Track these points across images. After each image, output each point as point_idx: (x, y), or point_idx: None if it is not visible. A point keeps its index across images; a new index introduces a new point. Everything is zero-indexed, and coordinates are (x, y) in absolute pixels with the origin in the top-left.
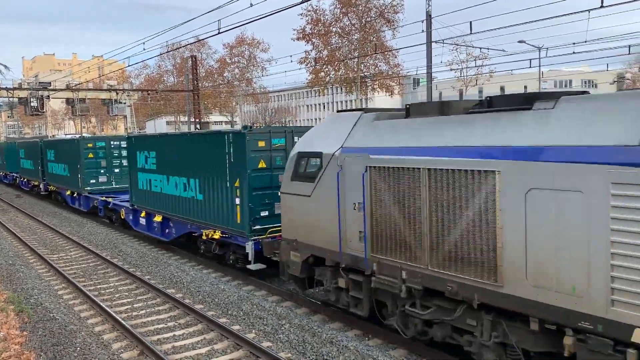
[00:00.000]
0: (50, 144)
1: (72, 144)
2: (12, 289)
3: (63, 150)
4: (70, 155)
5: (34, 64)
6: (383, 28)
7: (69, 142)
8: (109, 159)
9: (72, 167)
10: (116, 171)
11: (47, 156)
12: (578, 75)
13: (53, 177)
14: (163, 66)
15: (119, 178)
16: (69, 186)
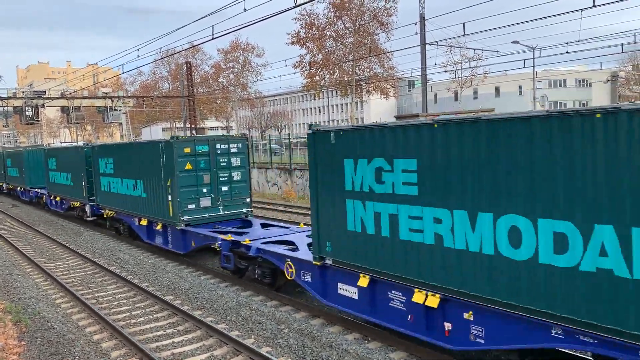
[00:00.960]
0: (106, 151)
1: (155, 148)
2: (10, 299)
3: (132, 158)
4: (149, 167)
5: (28, 72)
6: (377, 31)
7: (148, 147)
8: (214, 170)
9: (154, 185)
10: (224, 189)
11: (99, 167)
12: (572, 75)
13: (111, 198)
14: (158, 73)
15: (227, 199)
16: (149, 214)
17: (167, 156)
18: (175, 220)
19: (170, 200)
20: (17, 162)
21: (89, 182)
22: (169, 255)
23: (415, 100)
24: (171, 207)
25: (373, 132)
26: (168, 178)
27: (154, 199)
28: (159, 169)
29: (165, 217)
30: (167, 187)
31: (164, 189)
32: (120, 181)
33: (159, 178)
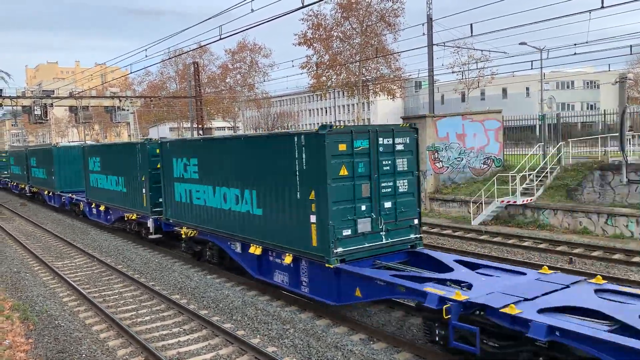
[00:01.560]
0: (186, 147)
1: (286, 142)
2: (18, 297)
3: (237, 158)
4: (271, 170)
5: (37, 72)
6: (384, 32)
7: (272, 141)
8: (375, 177)
9: (280, 198)
10: (387, 206)
11: (174, 170)
12: (580, 76)
13: (191, 212)
14: (165, 73)
15: (391, 221)
16: (267, 239)
17: (309, 155)
18: (324, 253)
19: (315, 223)
20: (45, 162)
21: (153, 188)
22: (175, 255)
23: (422, 101)
24: (315, 233)
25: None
26: (311, 189)
27: (277, 219)
28: (291, 175)
29: (305, 247)
30: (306, 202)
31: (299, 205)
32: (210, 190)
33: (291, 188)
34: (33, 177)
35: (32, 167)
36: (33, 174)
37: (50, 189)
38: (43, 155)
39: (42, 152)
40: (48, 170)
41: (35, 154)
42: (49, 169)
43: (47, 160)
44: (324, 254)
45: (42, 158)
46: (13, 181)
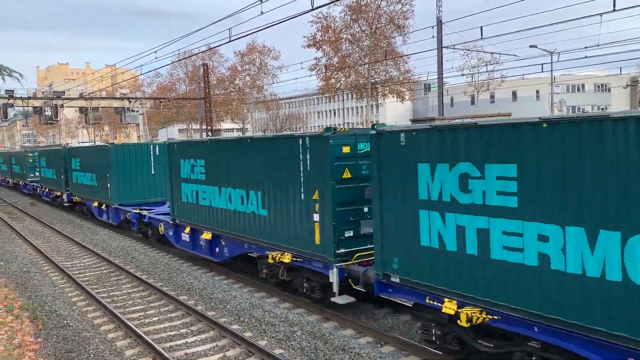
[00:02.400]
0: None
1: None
2: (27, 296)
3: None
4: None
5: (48, 73)
6: (393, 34)
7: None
8: None
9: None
10: None
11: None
12: (591, 80)
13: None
14: (175, 74)
15: None
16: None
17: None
18: (326, 253)
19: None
20: (93, 164)
21: (343, 212)
22: (182, 256)
23: (431, 104)
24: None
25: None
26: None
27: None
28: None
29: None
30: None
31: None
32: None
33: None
34: (75, 183)
35: (73, 170)
36: (75, 179)
37: (103, 199)
38: (96, 155)
39: (93, 153)
40: (100, 175)
41: (81, 154)
42: (102, 173)
43: (100, 162)
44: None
45: (91, 159)
46: (44, 187)
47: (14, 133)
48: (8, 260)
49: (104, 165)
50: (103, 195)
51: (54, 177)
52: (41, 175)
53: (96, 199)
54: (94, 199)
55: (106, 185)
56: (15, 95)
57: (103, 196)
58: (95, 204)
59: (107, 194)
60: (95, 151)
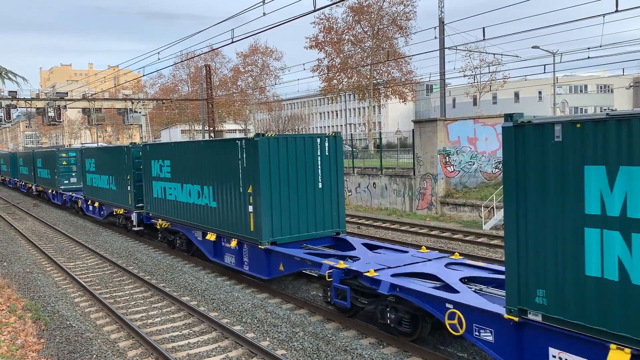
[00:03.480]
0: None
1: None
2: (30, 297)
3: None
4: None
5: (51, 74)
6: (395, 35)
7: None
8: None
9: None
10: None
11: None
12: (593, 81)
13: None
14: (177, 75)
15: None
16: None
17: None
18: (258, 237)
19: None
20: (206, 169)
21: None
22: (185, 256)
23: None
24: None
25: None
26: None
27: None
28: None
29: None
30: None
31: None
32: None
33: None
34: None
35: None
36: (158, 192)
37: (234, 233)
38: (213, 152)
39: (208, 149)
40: (224, 187)
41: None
42: (230, 184)
43: (226, 165)
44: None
45: (198, 162)
46: (91, 199)
47: (17, 134)
48: (11, 260)
49: (237, 169)
50: (233, 225)
51: (112, 187)
52: (87, 184)
53: (213, 229)
54: (208, 228)
55: (241, 207)
56: (18, 96)
57: (232, 227)
58: (211, 237)
59: (242, 223)
60: (217, 145)
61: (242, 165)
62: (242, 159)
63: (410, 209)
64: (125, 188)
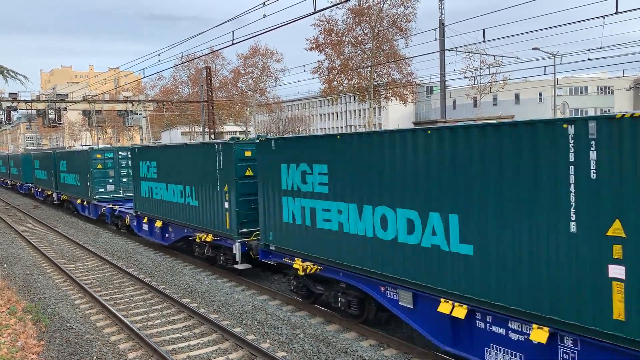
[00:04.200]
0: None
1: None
2: (30, 299)
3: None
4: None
5: (52, 76)
6: (396, 37)
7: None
8: None
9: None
10: None
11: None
12: (594, 82)
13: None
14: (178, 77)
15: None
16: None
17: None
18: (233, 233)
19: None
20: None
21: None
22: (186, 259)
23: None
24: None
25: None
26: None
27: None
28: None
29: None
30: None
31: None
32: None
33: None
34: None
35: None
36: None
37: None
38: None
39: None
40: None
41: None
42: None
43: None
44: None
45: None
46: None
47: (18, 136)
48: (12, 262)
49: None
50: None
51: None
52: (141, 195)
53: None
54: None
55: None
56: (19, 98)
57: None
58: (408, 300)
59: None
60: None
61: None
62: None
63: None
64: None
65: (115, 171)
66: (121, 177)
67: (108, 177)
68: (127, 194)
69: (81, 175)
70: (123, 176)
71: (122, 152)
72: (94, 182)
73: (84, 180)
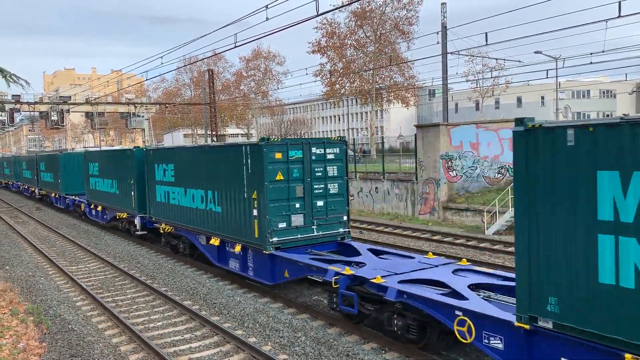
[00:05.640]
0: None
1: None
2: (32, 300)
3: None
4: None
5: (55, 78)
6: (398, 40)
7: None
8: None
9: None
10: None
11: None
12: (596, 86)
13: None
14: (180, 79)
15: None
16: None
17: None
18: (262, 242)
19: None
20: None
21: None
22: (187, 260)
23: (435, 110)
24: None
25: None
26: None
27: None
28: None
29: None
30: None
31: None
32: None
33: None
34: None
35: None
36: None
37: None
38: None
39: None
40: None
41: None
42: None
43: None
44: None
45: None
46: None
47: (20, 137)
48: (14, 264)
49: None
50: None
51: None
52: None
53: None
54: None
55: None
56: (21, 100)
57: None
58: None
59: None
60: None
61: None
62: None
63: (412, 214)
64: None
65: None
66: (315, 196)
67: (293, 198)
68: (327, 232)
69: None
70: (318, 195)
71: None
72: (268, 210)
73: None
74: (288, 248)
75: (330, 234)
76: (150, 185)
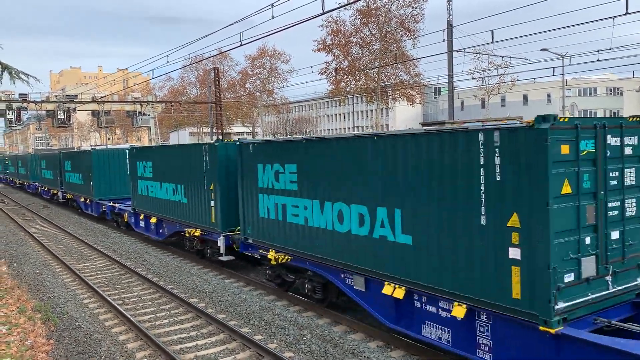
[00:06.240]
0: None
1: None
2: (39, 298)
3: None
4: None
5: (61, 77)
6: (403, 38)
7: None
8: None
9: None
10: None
11: None
12: (603, 83)
13: None
14: (186, 78)
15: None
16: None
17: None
18: (537, 310)
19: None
20: None
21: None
22: (194, 258)
23: (441, 108)
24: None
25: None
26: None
27: None
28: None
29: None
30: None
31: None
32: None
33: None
34: None
35: None
36: None
37: None
38: None
39: None
40: None
41: None
42: None
43: None
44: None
45: None
46: None
47: (27, 136)
48: (21, 261)
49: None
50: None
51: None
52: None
53: None
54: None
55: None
56: (29, 98)
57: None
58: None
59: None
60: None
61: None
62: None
63: None
64: None
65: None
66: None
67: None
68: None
69: None
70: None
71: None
72: (552, 249)
73: None
74: (574, 319)
75: (628, 288)
76: (247, 193)
